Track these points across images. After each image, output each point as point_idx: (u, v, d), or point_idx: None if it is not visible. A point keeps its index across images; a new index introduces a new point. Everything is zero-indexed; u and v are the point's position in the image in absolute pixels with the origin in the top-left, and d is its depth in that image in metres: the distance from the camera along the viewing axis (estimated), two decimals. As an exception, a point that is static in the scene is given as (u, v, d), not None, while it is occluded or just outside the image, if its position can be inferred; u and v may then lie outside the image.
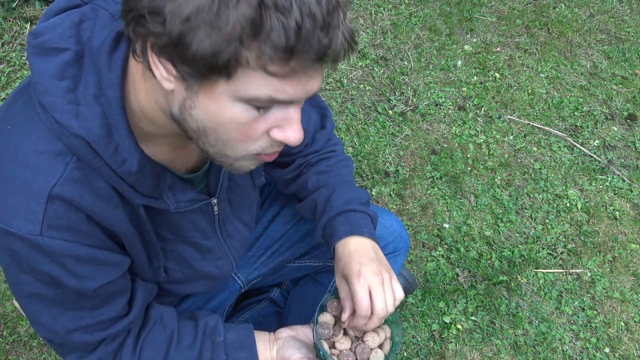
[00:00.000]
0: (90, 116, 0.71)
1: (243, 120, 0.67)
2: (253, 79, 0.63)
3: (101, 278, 0.82)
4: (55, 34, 0.72)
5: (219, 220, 1.02)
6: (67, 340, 0.86)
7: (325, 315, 1.03)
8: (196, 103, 0.67)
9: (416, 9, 2.70)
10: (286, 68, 0.62)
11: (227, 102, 0.66)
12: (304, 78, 0.65)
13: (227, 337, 1.01)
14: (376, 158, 2.16)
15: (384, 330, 1.05)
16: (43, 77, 0.70)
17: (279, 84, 0.64)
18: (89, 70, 0.72)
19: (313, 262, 1.34)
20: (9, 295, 1.64)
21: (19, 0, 2.14)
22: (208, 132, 0.70)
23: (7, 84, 2.02)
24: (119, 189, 0.77)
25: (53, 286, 0.79)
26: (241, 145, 0.71)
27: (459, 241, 2.01)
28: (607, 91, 2.61)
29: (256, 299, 1.49)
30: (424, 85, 2.44)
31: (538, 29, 2.78)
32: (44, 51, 0.71)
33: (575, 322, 1.90)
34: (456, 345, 1.78)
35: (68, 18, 0.73)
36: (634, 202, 2.24)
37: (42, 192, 0.71)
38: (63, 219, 0.73)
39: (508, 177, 2.22)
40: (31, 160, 0.71)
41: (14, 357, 1.56)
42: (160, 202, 0.84)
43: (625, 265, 2.06)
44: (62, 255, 0.75)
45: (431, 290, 1.87)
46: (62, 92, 0.70)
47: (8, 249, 0.74)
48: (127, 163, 0.74)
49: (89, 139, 0.71)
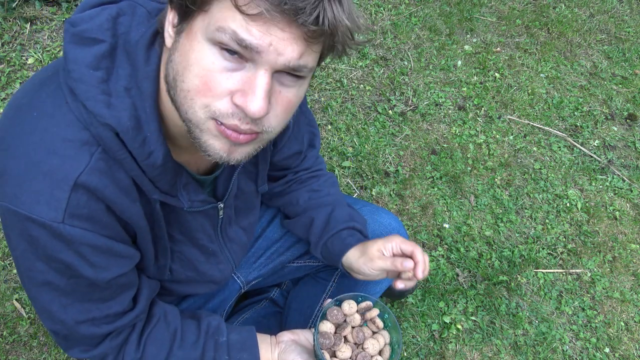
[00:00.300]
0: (120, 107, 0.72)
1: (208, 64, 0.67)
2: (224, 12, 0.64)
3: (115, 269, 0.83)
4: (93, 25, 0.73)
5: (222, 224, 1.03)
6: (74, 332, 0.86)
7: (325, 324, 1.04)
8: (177, 46, 0.70)
9: (416, 9, 2.70)
10: (254, 7, 0.62)
11: (199, 41, 0.67)
12: (275, 30, 0.64)
13: (230, 337, 1.01)
14: (376, 158, 2.16)
15: (382, 336, 1.05)
16: (79, 65, 0.71)
17: (245, 23, 0.64)
18: (122, 63, 0.74)
19: (312, 261, 1.34)
20: (9, 295, 1.64)
21: (19, 0, 2.14)
22: (177, 80, 0.70)
23: (7, 84, 2.02)
24: (139, 183, 0.78)
25: (66, 275, 0.79)
26: (199, 100, 0.69)
27: (459, 241, 2.01)
28: (607, 91, 2.61)
29: (256, 298, 1.49)
30: (424, 85, 2.44)
31: (538, 29, 2.78)
32: (81, 40, 0.72)
33: (575, 322, 1.90)
34: (456, 345, 1.78)
35: (105, 11, 0.75)
36: (634, 202, 2.24)
37: (67, 179, 0.71)
38: (85, 208, 0.74)
39: (508, 177, 2.22)
40: (58, 148, 0.71)
41: (14, 357, 1.56)
42: (176, 200, 0.85)
43: (625, 265, 2.06)
44: (81, 244, 0.76)
45: (431, 290, 1.87)
46: (96, 82, 0.71)
47: (27, 234, 0.74)
48: (153, 156, 0.75)
49: (118, 129, 0.72)
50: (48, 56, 2.10)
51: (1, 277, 1.66)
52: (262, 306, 1.47)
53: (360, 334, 1.03)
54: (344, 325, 1.04)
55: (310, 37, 0.65)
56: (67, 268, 0.78)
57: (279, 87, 0.71)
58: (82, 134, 0.72)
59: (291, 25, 0.64)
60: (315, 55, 0.70)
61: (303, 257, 1.34)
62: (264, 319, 1.44)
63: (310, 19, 0.63)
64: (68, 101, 0.72)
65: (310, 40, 0.66)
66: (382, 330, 1.06)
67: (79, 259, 0.77)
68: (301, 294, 1.41)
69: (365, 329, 1.06)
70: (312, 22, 0.63)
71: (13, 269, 1.68)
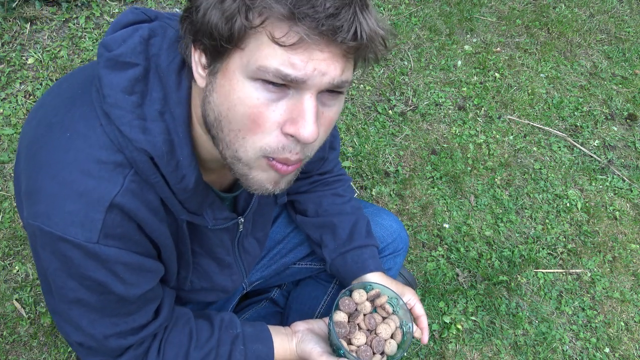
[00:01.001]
0: (155, 132, 0.72)
1: (253, 101, 0.67)
2: (262, 49, 0.64)
3: (145, 285, 0.84)
4: (127, 48, 0.73)
5: (240, 237, 1.04)
6: (103, 345, 0.87)
7: (339, 314, 1.07)
8: (214, 86, 0.69)
9: (416, 9, 2.70)
10: (293, 35, 0.62)
11: (239, 80, 0.67)
12: (316, 53, 0.64)
13: (244, 330, 1.03)
14: (376, 158, 2.16)
15: (393, 320, 1.10)
16: (114, 90, 0.72)
17: (286, 55, 0.63)
18: (155, 86, 0.74)
19: (315, 264, 1.34)
20: (9, 295, 1.64)
21: (19, 0, 2.14)
22: (222, 121, 0.70)
23: (7, 84, 2.02)
24: (169, 204, 0.79)
25: (97, 292, 0.80)
26: (251, 139, 0.70)
27: (459, 241, 2.01)
28: (607, 91, 2.61)
29: (256, 299, 1.49)
30: (424, 85, 2.44)
31: (538, 29, 2.78)
32: (116, 65, 0.73)
33: (575, 322, 1.90)
34: (456, 345, 1.78)
35: (137, 33, 0.75)
36: (634, 202, 2.24)
37: (103, 201, 0.72)
38: (119, 228, 0.74)
39: (508, 177, 2.22)
40: (93, 169, 0.72)
41: (14, 357, 1.56)
42: (201, 219, 0.86)
43: (625, 265, 2.06)
44: (116, 263, 0.77)
45: (431, 290, 1.87)
46: (131, 107, 0.72)
47: (60, 254, 0.74)
48: (185, 180, 0.76)
49: (153, 154, 0.72)
50: (48, 56, 2.10)
51: (1, 277, 1.66)
52: (262, 306, 1.47)
53: (372, 320, 1.08)
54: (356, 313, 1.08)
55: (348, 52, 0.66)
56: (99, 286, 0.79)
57: (322, 108, 0.71)
58: (116, 156, 0.73)
59: (330, 44, 0.64)
60: (352, 68, 0.70)
61: (305, 259, 1.34)
62: (264, 319, 1.44)
63: (349, 36, 0.63)
64: (102, 124, 0.72)
65: (349, 55, 0.67)
66: (392, 315, 1.11)
67: (112, 277, 0.78)
68: (302, 295, 1.41)
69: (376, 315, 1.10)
70: (351, 39, 0.63)
71: (13, 269, 1.68)
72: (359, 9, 0.63)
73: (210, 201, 0.86)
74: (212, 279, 1.04)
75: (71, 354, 1.57)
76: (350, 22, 0.63)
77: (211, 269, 1.02)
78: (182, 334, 0.98)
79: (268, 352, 1.02)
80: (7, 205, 1.78)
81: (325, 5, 0.61)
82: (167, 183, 0.76)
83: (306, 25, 0.61)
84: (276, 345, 1.04)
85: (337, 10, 0.62)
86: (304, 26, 0.61)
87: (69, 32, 2.19)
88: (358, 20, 0.63)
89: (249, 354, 1.00)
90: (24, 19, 2.15)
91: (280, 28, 0.62)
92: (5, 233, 1.74)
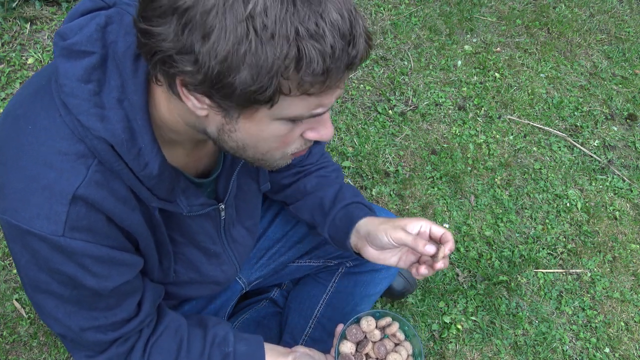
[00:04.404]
0: (114, 120, 0.72)
1: (282, 133, 0.72)
2: (294, 102, 0.67)
3: (118, 278, 0.83)
4: (83, 36, 0.72)
5: (225, 225, 1.02)
6: (81, 338, 0.87)
7: (346, 344, 1.03)
8: (236, 127, 0.70)
9: (416, 9, 2.70)
10: (323, 87, 0.65)
11: (267, 123, 0.70)
12: (335, 87, 0.68)
13: (237, 348, 1.01)
14: (376, 158, 2.16)
15: (405, 347, 1.05)
16: (70, 79, 0.71)
17: (317, 101, 0.68)
18: (113, 74, 0.73)
19: (313, 262, 1.34)
20: (9, 295, 1.64)
21: (19, 0, 2.14)
22: (248, 148, 0.74)
23: (7, 84, 2.02)
24: (137, 192, 0.78)
25: (70, 286, 0.80)
26: (279, 152, 0.76)
27: (459, 241, 2.01)
28: (607, 91, 2.61)
29: (256, 298, 1.49)
30: (424, 85, 2.44)
31: (538, 29, 2.78)
32: (71, 54, 0.72)
33: (575, 322, 1.90)
34: (456, 345, 1.78)
35: (94, 20, 0.74)
36: (634, 202, 2.24)
37: (65, 193, 0.71)
38: (84, 220, 0.74)
39: (508, 177, 2.22)
40: (54, 161, 0.71)
41: (14, 357, 1.56)
42: (174, 206, 0.85)
43: (625, 265, 2.06)
44: (83, 256, 0.76)
45: (431, 290, 1.87)
46: (87, 95, 0.71)
47: (29, 247, 0.75)
48: (149, 167, 0.75)
49: (113, 142, 0.71)
50: (48, 56, 2.10)
51: (1, 277, 1.66)
52: (262, 306, 1.47)
53: (382, 348, 1.04)
54: (365, 342, 1.04)
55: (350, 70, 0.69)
56: (70, 279, 0.78)
57: None
58: (78, 146, 0.72)
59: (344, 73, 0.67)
60: None
61: (304, 257, 1.34)
62: (264, 319, 1.44)
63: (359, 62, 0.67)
64: (62, 114, 0.72)
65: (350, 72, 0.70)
66: (403, 341, 1.06)
67: (81, 270, 0.77)
68: (301, 295, 1.41)
69: (386, 341, 1.06)
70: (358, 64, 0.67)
71: (13, 269, 1.68)
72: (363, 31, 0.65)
73: (182, 187, 0.85)
74: (199, 269, 1.02)
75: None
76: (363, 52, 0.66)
77: (196, 258, 1.01)
78: (173, 342, 0.96)
79: None
80: (7, 205, 1.78)
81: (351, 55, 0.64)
82: (132, 170, 0.76)
83: (334, 75, 0.64)
84: None
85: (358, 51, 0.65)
86: (331, 76, 0.65)
87: (69, 32, 2.19)
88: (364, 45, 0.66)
89: None
90: (24, 19, 2.15)
91: (313, 86, 0.65)
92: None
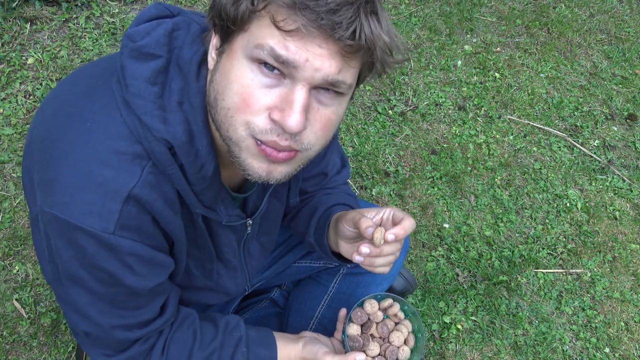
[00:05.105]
0: (175, 122, 0.73)
1: (247, 80, 0.69)
2: (262, 29, 0.66)
3: (155, 278, 0.84)
4: (151, 40, 0.75)
5: (246, 239, 1.04)
6: (109, 335, 0.87)
7: (352, 327, 1.09)
8: (218, 66, 0.72)
9: (416, 9, 2.70)
10: (291, 23, 0.64)
11: (239, 59, 0.69)
12: (312, 46, 0.65)
13: (248, 333, 1.03)
14: (376, 158, 2.16)
15: (405, 325, 1.11)
16: (137, 80, 0.73)
17: (282, 38, 0.65)
18: (175, 78, 0.75)
19: (314, 263, 1.35)
20: (9, 295, 1.64)
21: (19, 0, 2.14)
22: (217, 99, 0.72)
23: (7, 84, 2.01)
24: (184, 197, 0.80)
25: (108, 284, 0.80)
26: (239, 117, 0.70)
27: (459, 241, 2.01)
28: (607, 91, 2.61)
29: (256, 299, 1.49)
30: (424, 85, 2.44)
31: (538, 29, 2.78)
32: (140, 55, 0.74)
33: (575, 322, 1.90)
34: (456, 345, 1.78)
35: (162, 26, 0.77)
36: (634, 202, 2.24)
37: (121, 192, 0.72)
38: (134, 220, 0.75)
39: (508, 177, 2.22)
40: (112, 160, 0.72)
41: (14, 357, 1.56)
42: (215, 214, 0.87)
43: (625, 265, 2.06)
44: (128, 254, 0.77)
45: (431, 290, 1.87)
46: (153, 97, 0.73)
47: (74, 243, 0.75)
48: (204, 168, 0.77)
49: (174, 143, 0.73)
50: (48, 56, 2.10)
51: (1, 277, 1.66)
52: (262, 306, 1.47)
53: (384, 328, 1.10)
54: (369, 323, 1.10)
55: (347, 52, 0.66)
56: (110, 277, 0.79)
57: (317, 104, 0.71)
58: (135, 147, 0.73)
59: (328, 40, 0.65)
60: (354, 71, 0.71)
61: (305, 258, 1.34)
62: (265, 319, 1.44)
63: (347, 34, 0.64)
64: (122, 114, 0.73)
65: (347, 55, 0.67)
66: (403, 320, 1.12)
67: (124, 268, 0.79)
68: (302, 295, 1.41)
69: (388, 321, 1.12)
70: (349, 37, 0.64)
71: (13, 269, 1.68)
72: (363, 11, 0.64)
73: (222, 197, 0.87)
74: (217, 281, 1.05)
75: (71, 354, 1.57)
76: (350, 21, 0.63)
77: (218, 270, 1.03)
78: (187, 333, 0.98)
79: (271, 355, 1.03)
80: (7, 205, 1.78)
81: (327, 0, 0.62)
82: (184, 175, 0.77)
83: (306, 16, 0.63)
84: (280, 347, 1.04)
85: (339, 7, 0.63)
86: (303, 17, 0.63)
87: (69, 32, 2.19)
88: (359, 21, 0.64)
89: (252, 357, 1.01)
90: (24, 19, 2.15)
91: (281, 14, 0.64)
92: (5, 233, 1.73)
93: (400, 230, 0.88)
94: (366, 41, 0.65)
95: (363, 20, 0.64)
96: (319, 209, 1.13)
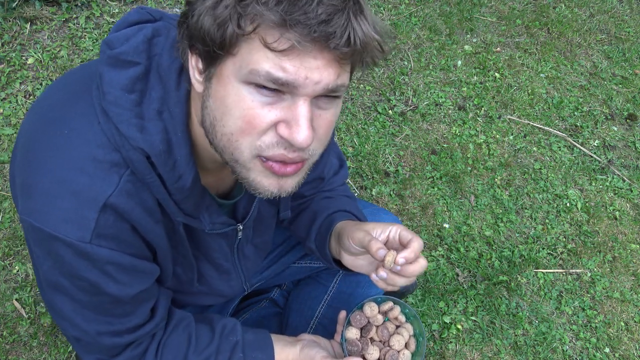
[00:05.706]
0: (153, 131, 0.72)
1: (247, 103, 0.67)
2: (254, 53, 0.64)
3: (138, 285, 0.83)
4: (130, 47, 0.73)
5: (239, 244, 1.03)
6: (97, 342, 0.87)
7: (351, 330, 1.07)
8: (210, 92, 0.69)
9: (416, 9, 2.70)
10: (284, 42, 0.62)
11: (233, 85, 0.67)
12: (307, 59, 0.64)
13: (245, 337, 1.02)
14: (376, 158, 2.16)
15: (406, 328, 1.09)
16: (114, 88, 0.71)
17: (277, 60, 0.63)
18: (154, 85, 0.74)
19: (314, 263, 1.34)
20: (9, 295, 1.64)
21: (19, 0, 2.14)
22: (216, 126, 0.70)
23: (7, 84, 2.02)
24: (164, 205, 0.79)
25: (90, 293, 0.80)
26: (245, 140, 0.69)
27: (459, 241, 2.01)
28: (607, 91, 2.61)
29: (256, 299, 1.49)
30: (424, 85, 2.44)
31: (538, 29, 2.78)
32: (117, 63, 0.72)
33: (575, 322, 1.90)
34: (456, 345, 1.78)
35: (141, 32, 0.75)
36: (634, 202, 2.24)
37: (97, 200, 0.71)
38: (112, 228, 0.74)
39: (508, 177, 2.22)
40: (88, 167, 0.71)
41: (14, 357, 1.56)
42: (197, 222, 0.86)
43: (625, 265, 2.06)
44: (107, 263, 0.76)
45: (431, 290, 1.87)
46: (130, 105, 0.71)
47: (53, 252, 0.74)
48: (183, 179, 0.76)
49: (150, 153, 0.72)
50: (48, 56, 2.10)
51: (1, 277, 1.66)
52: (262, 306, 1.47)
53: (384, 332, 1.07)
54: (369, 327, 1.07)
55: (343, 58, 0.65)
56: (92, 286, 0.78)
57: (318, 111, 0.71)
58: (113, 155, 0.72)
59: (323, 51, 0.64)
60: (348, 72, 0.70)
61: (305, 258, 1.34)
62: (264, 319, 1.44)
63: (342, 42, 0.63)
64: (100, 122, 0.72)
65: (343, 61, 0.66)
66: (404, 323, 1.10)
67: (104, 277, 0.78)
68: (302, 295, 1.40)
69: (388, 324, 1.10)
70: (344, 45, 0.63)
71: (13, 269, 1.68)
72: (352, 14, 0.63)
73: (206, 204, 0.86)
74: (209, 283, 1.04)
75: (71, 354, 1.57)
76: (344, 28, 0.62)
77: (208, 272, 1.02)
78: (182, 337, 0.97)
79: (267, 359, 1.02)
80: (7, 205, 1.78)
81: (318, 12, 0.60)
82: (163, 183, 0.76)
83: (298, 32, 0.61)
84: (277, 351, 1.03)
85: (330, 16, 0.61)
86: (295, 33, 0.61)
87: (69, 32, 2.19)
88: (352, 26, 0.63)
89: None
90: (24, 19, 2.15)
91: (272, 34, 0.62)
92: (5, 233, 1.74)
93: (411, 253, 0.89)
94: (360, 44, 0.64)
95: (354, 24, 0.63)
96: (320, 216, 1.12)
